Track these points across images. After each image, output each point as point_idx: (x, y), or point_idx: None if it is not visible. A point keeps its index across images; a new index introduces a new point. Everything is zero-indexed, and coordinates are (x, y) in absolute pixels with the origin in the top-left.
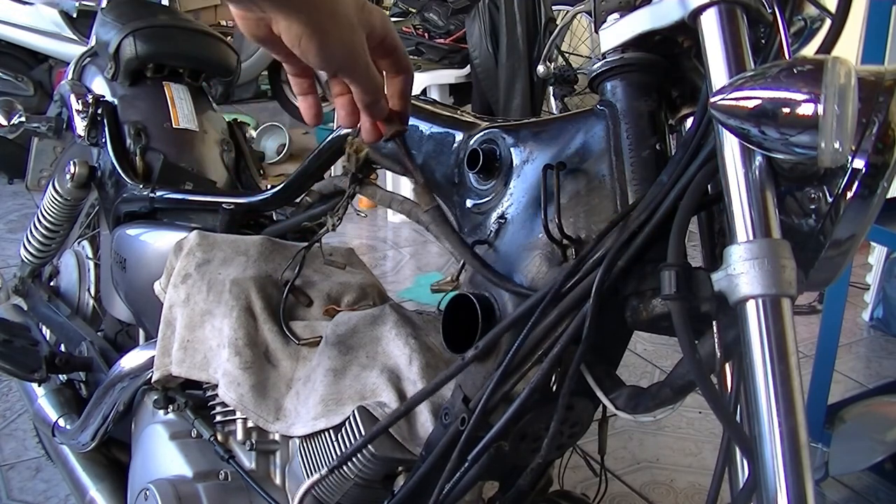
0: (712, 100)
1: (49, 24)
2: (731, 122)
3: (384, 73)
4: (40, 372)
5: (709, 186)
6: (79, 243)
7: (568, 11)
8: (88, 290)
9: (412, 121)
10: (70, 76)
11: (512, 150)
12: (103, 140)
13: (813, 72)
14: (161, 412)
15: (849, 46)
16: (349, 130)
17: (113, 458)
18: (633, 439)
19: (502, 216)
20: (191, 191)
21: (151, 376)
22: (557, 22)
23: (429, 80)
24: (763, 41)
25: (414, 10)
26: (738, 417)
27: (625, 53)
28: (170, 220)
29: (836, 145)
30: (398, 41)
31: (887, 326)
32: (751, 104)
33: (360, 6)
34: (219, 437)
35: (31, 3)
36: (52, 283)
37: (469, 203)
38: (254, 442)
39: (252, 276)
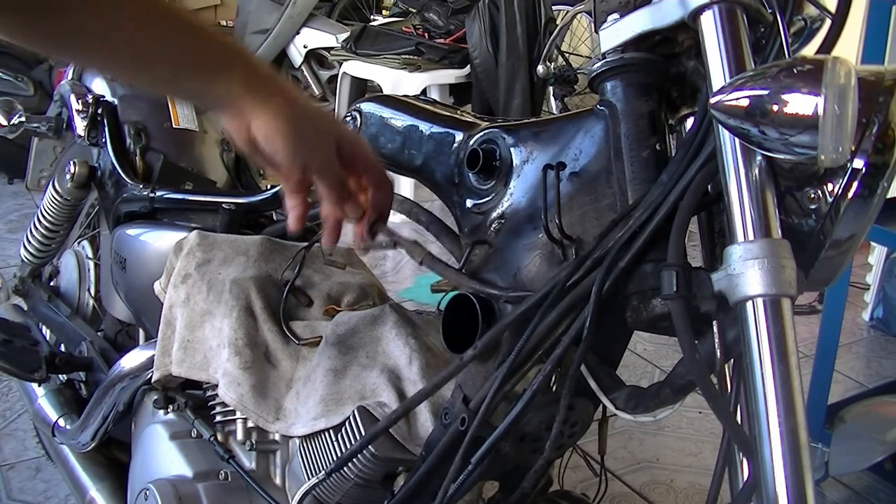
0: (712, 100)
1: None
2: (731, 122)
3: (368, 189)
4: (40, 372)
5: (709, 186)
6: (79, 243)
7: (568, 11)
8: (88, 290)
9: (412, 121)
10: (70, 76)
11: (512, 150)
12: (103, 140)
13: (813, 72)
14: (161, 412)
15: (849, 46)
16: None
17: (113, 458)
18: (633, 439)
19: (502, 216)
20: (191, 191)
21: (151, 376)
22: (557, 22)
23: (429, 80)
24: (763, 41)
25: (414, 10)
26: (738, 417)
27: (625, 53)
28: (170, 220)
29: (836, 145)
30: (370, 158)
31: (887, 326)
32: (751, 104)
33: (330, 119)
34: (219, 437)
35: None
36: (52, 283)
37: (469, 203)
38: (254, 442)
39: (252, 276)
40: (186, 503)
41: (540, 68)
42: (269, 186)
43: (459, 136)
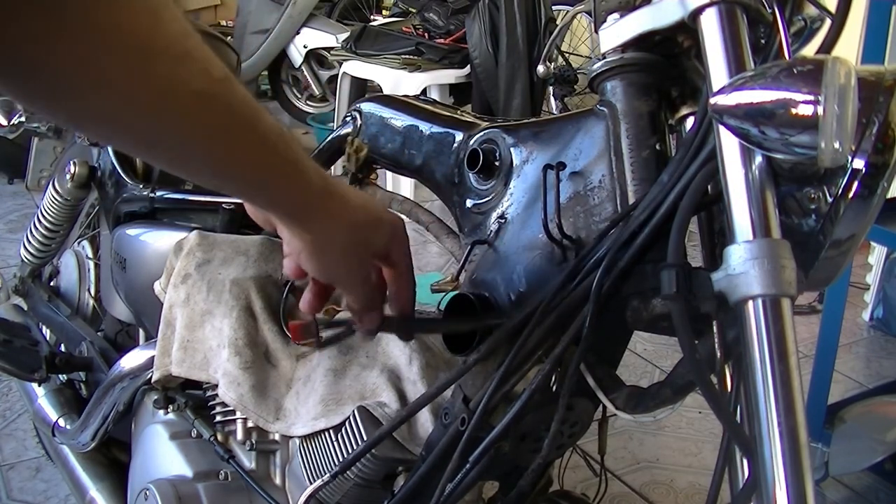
0: (712, 100)
1: None
2: (731, 122)
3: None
4: (40, 372)
5: (709, 186)
6: (79, 243)
7: (568, 11)
8: (88, 290)
9: (412, 121)
10: None
11: (512, 150)
12: None
13: (813, 72)
14: (161, 412)
15: (849, 46)
16: (349, 130)
17: (113, 458)
18: (633, 439)
19: (502, 216)
20: (191, 191)
21: (151, 376)
22: (557, 22)
23: (429, 80)
24: (763, 41)
25: (414, 10)
26: (738, 417)
27: (625, 53)
28: (170, 220)
29: (836, 145)
30: (400, 258)
31: (887, 326)
32: (751, 104)
33: (363, 225)
34: (219, 437)
35: None
36: (52, 283)
37: (469, 203)
38: (254, 442)
39: (252, 276)
40: (186, 503)
41: (540, 68)
42: None
43: (459, 136)
